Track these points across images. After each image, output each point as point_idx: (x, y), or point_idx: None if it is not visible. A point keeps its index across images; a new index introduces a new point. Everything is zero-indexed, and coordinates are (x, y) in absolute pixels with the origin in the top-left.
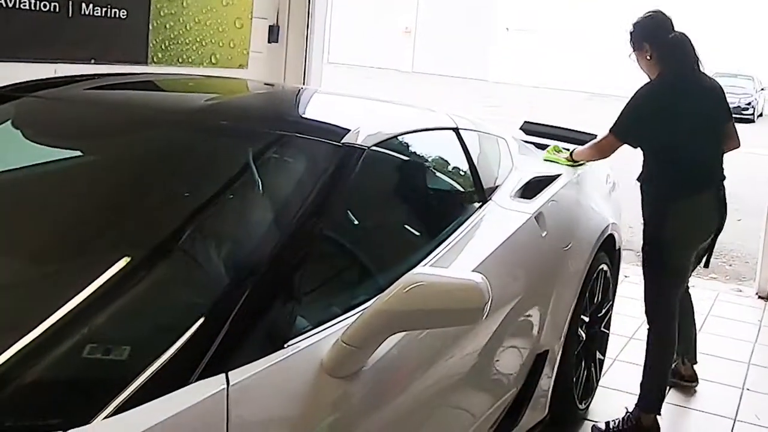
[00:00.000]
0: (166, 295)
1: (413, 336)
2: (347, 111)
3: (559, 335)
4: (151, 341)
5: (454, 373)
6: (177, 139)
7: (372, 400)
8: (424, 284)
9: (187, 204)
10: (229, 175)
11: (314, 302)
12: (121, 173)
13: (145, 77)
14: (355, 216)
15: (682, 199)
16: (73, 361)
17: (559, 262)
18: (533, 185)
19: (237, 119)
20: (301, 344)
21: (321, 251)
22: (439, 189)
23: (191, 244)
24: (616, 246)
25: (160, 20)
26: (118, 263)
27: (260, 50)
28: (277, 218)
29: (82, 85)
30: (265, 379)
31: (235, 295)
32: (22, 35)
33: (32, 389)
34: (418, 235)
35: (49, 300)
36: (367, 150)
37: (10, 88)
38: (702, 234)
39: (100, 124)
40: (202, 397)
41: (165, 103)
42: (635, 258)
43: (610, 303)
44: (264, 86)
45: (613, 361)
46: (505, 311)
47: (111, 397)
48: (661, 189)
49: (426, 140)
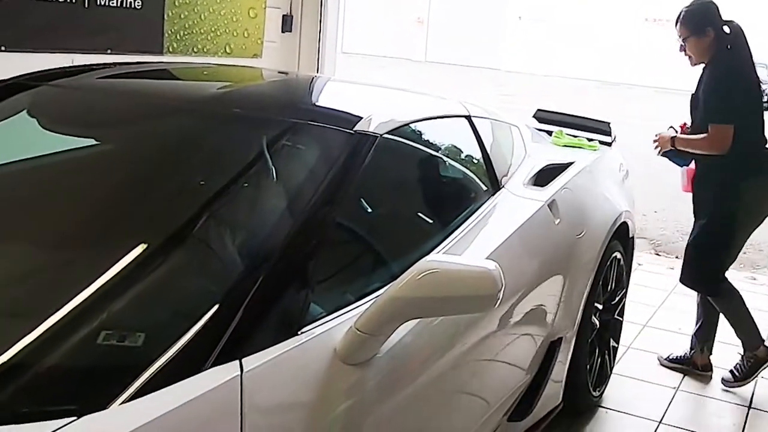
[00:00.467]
0: (180, 282)
1: (426, 323)
2: (360, 99)
3: (572, 323)
4: (166, 328)
5: (467, 361)
6: (191, 128)
7: (385, 387)
8: (438, 271)
9: (201, 192)
10: (242, 163)
11: (328, 289)
12: (135, 161)
13: (160, 66)
14: (368, 203)
15: (752, 177)
16: (89, 348)
17: (572, 249)
18: (546, 173)
19: (250, 107)
20: (314, 331)
21: (334, 238)
22: (451, 177)
23: (206, 232)
24: (630, 234)
25: (174, 10)
26: (134, 251)
27: (274, 40)
28: (290, 205)
29: (97, 73)
30: (279, 365)
31: (249, 282)
32: (40, 26)
33: (49, 375)
34: (431, 223)
35: (64, 287)
36: (379, 137)
37: (25, 77)
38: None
39: (115, 112)
40: (217, 384)
41: (179, 91)
42: (648, 246)
43: (623, 291)
44: (277, 74)
45: (627, 348)
46: (518, 298)
47: (127, 383)
48: (731, 167)
49: (439, 128)
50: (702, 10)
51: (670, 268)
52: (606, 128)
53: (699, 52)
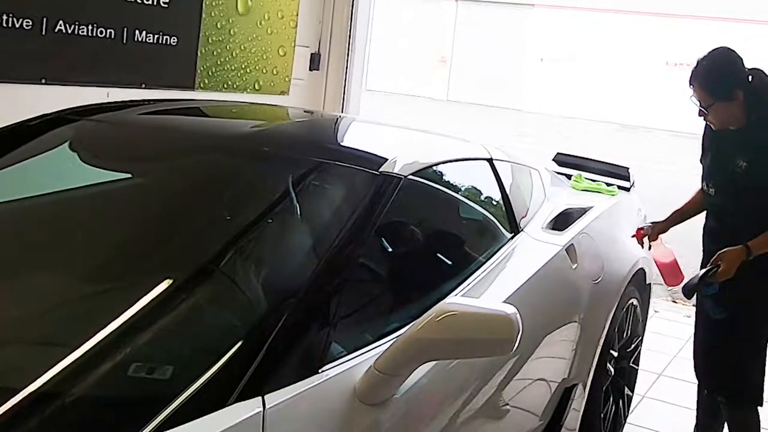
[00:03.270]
0: (206, 317)
1: (443, 366)
2: (385, 140)
3: (587, 369)
4: (193, 362)
5: (482, 404)
6: (221, 165)
7: (401, 428)
8: (456, 314)
9: (228, 228)
10: (269, 201)
11: (348, 328)
12: (166, 197)
13: (194, 104)
14: (391, 244)
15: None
16: (115, 380)
17: (589, 295)
18: (565, 217)
19: (279, 146)
20: (335, 370)
21: (357, 277)
22: (472, 219)
23: (232, 268)
24: (647, 280)
25: (208, 47)
26: (162, 284)
27: (301, 77)
28: (315, 244)
29: (136, 110)
30: (300, 403)
31: (273, 319)
32: (79, 60)
33: (76, 406)
34: (451, 264)
35: (94, 318)
36: (404, 179)
37: (68, 111)
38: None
39: (150, 148)
40: (240, 419)
41: (211, 129)
42: (665, 293)
43: (639, 338)
44: (303, 113)
45: (641, 398)
46: (534, 343)
47: (152, 416)
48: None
49: (461, 170)
50: (726, 69)
51: (687, 316)
52: (625, 173)
53: (726, 119)
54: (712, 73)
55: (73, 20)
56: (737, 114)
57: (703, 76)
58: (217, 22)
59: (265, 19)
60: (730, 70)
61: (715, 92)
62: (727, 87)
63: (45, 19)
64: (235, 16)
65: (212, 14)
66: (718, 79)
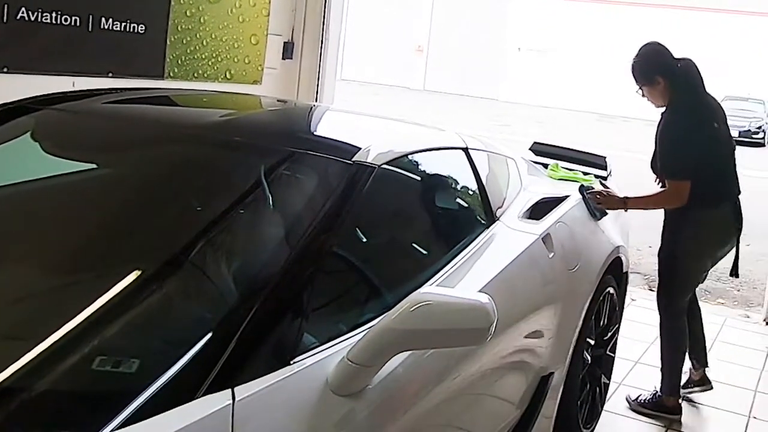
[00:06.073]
0: (175, 309)
1: (418, 355)
2: (358, 129)
3: (564, 358)
4: (160, 355)
5: (458, 394)
6: (191, 154)
7: (376, 419)
8: (431, 304)
9: (198, 218)
10: (240, 191)
11: (321, 319)
12: (133, 187)
13: (161, 92)
14: (364, 233)
15: (701, 212)
16: (81, 373)
17: (565, 284)
18: (541, 206)
19: (250, 135)
20: (307, 361)
21: (329, 268)
22: (447, 208)
23: (201, 259)
24: (624, 269)
25: (177, 35)
26: (129, 276)
27: (274, 66)
28: (287, 234)
29: (100, 99)
30: (271, 395)
31: (244, 310)
32: (43, 48)
33: (41, 400)
34: (426, 254)
35: (60, 311)
36: (377, 168)
37: (28, 100)
38: (718, 245)
39: (115, 138)
40: (209, 412)
41: (180, 118)
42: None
43: (616, 326)
44: (276, 102)
45: (618, 385)
46: (510, 332)
47: (119, 409)
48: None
49: (436, 159)
50: (648, 59)
51: None
52: (602, 162)
53: (656, 100)
54: (637, 62)
55: (36, 7)
56: (661, 97)
57: (632, 65)
58: (187, 10)
59: (236, 6)
60: (653, 60)
61: (639, 77)
62: (649, 73)
63: (6, 5)
64: (206, 3)
65: (181, 1)
66: (640, 66)
